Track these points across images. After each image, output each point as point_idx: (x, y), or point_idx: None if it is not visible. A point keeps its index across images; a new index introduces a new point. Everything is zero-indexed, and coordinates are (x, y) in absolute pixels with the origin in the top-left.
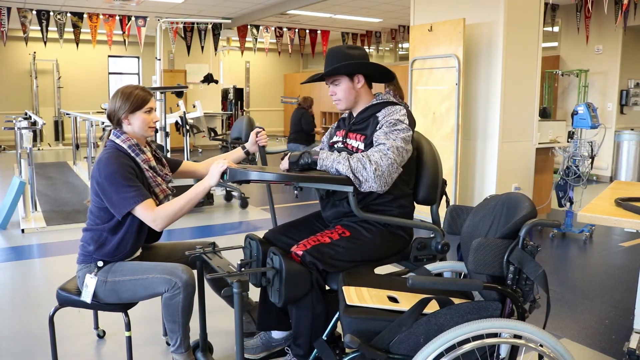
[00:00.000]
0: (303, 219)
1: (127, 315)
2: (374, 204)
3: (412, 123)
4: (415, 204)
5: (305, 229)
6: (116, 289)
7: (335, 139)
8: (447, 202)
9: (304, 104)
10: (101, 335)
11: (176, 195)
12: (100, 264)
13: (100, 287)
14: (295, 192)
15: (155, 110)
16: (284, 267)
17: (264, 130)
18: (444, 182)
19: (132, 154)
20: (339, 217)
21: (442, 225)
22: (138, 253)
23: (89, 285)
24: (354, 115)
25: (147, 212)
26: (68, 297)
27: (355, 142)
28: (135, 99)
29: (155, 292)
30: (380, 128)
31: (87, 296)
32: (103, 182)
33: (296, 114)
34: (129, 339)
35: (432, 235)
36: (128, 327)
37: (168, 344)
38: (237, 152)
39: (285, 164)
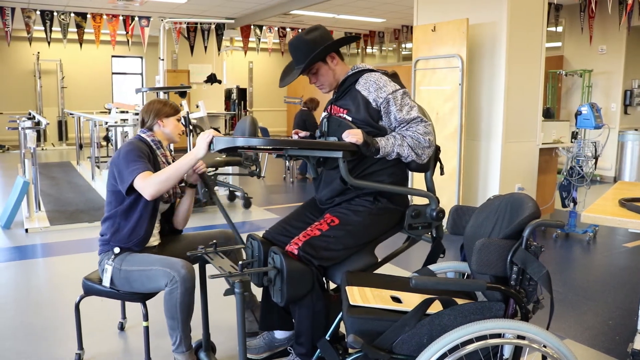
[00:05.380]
0: (295, 212)
1: (145, 305)
2: (365, 173)
3: (393, 81)
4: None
5: (300, 224)
6: (128, 277)
7: (323, 114)
8: (442, 168)
9: (309, 105)
10: (123, 326)
11: (184, 195)
12: (116, 250)
13: (115, 274)
14: (287, 162)
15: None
16: (285, 266)
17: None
18: (438, 149)
19: (153, 147)
20: (333, 196)
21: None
22: (155, 242)
23: (108, 270)
24: (336, 91)
25: (140, 181)
26: (92, 286)
27: (342, 114)
28: (171, 107)
29: (158, 285)
30: (386, 108)
31: (106, 281)
32: (120, 160)
33: (301, 115)
34: (147, 329)
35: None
36: (146, 317)
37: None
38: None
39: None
